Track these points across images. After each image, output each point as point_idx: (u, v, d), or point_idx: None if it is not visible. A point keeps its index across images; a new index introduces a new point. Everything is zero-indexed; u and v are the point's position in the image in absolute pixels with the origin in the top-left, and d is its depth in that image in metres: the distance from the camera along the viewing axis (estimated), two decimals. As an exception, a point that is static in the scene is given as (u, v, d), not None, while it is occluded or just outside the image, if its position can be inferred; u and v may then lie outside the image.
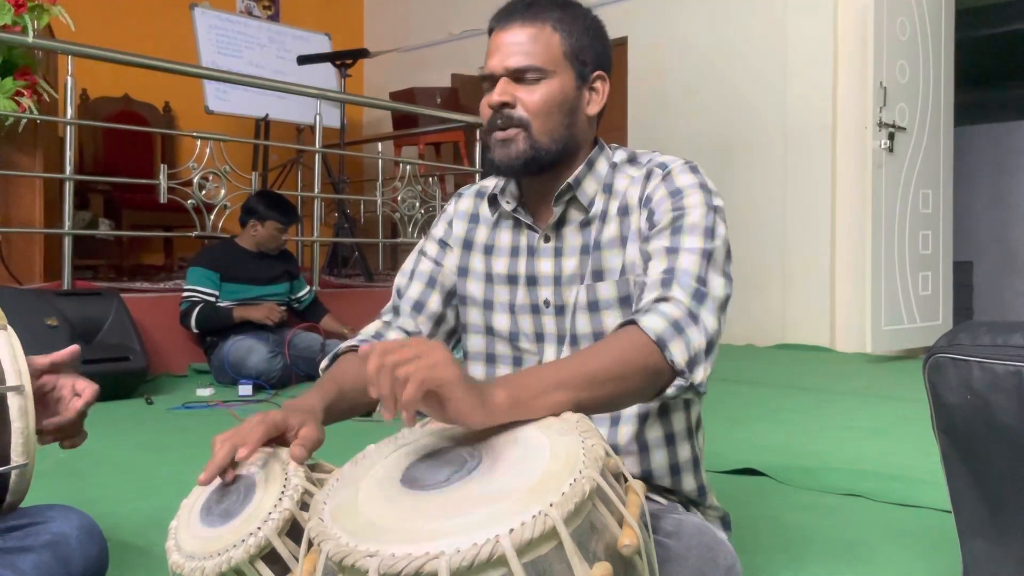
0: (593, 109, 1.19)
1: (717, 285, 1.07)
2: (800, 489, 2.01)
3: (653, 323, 0.99)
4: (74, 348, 1.20)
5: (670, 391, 0.99)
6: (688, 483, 1.22)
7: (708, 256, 1.08)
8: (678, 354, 0.98)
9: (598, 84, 1.19)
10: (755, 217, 5.16)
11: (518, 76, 1.13)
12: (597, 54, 1.18)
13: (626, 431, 1.17)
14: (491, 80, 1.15)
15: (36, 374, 1.15)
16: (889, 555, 1.54)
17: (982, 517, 1.20)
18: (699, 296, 1.04)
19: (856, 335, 4.76)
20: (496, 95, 1.13)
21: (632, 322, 1.01)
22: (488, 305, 1.25)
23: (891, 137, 4.49)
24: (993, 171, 6.78)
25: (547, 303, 1.20)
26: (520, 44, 1.13)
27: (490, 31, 1.18)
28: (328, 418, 1.06)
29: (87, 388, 1.16)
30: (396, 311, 1.29)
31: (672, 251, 1.08)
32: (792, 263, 5.10)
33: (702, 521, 1.12)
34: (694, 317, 1.02)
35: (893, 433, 2.64)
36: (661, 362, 0.98)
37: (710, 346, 1.03)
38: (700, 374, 1.01)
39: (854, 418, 2.90)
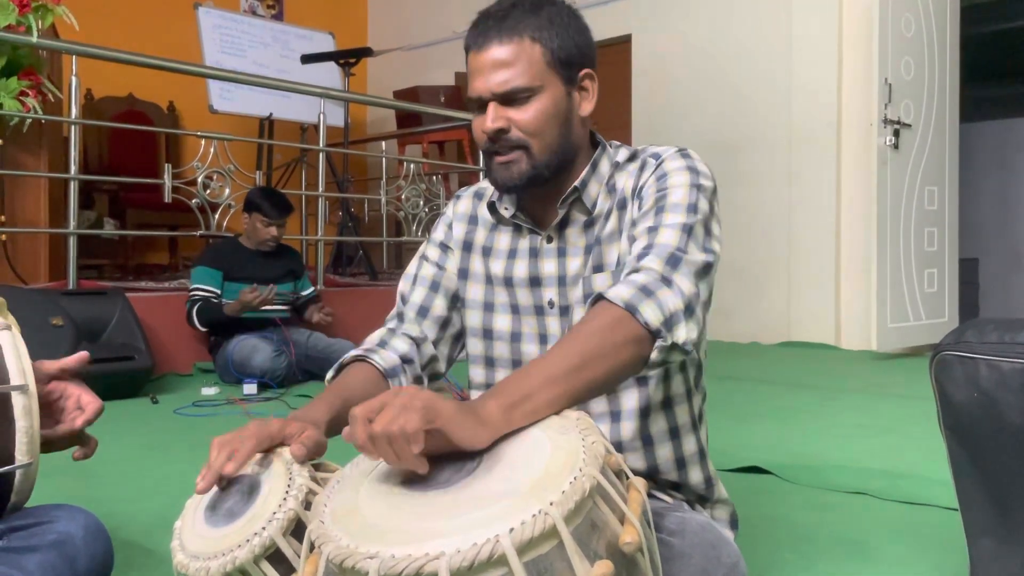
0: (586, 109, 1.17)
1: (695, 254, 1.06)
2: (806, 487, 2.01)
3: (620, 291, 0.98)
4: (83, 355, 1.19)
5: (654, 356, 0.97)
6: (695, 476, 1.22)
7: (688, 230, 1.07)
8: (651, 315, 0.96)
9: (587, 83, 1.16)
10: (760, 214, 5.15)
11: (507, 98, 1.11)
12: (580, 52, 1.14)
13: (628, 427, 1.17)
14: (479, 103, 1.13)
15: (45, 379, 1.14)
16: (895, 554, 1.54)
17: (989, 516, 1.19)
18: (673, 261, 1.03)
19: (861, 333, 4.75)
20: (490, 122, 1.11)
21: (600, 296, 0.99)
22: (489, 307, 1.25)
23: (896, 134, 4.47)
24: (999, 168, 6.76)
25: (551, 304, 1.19)
26: (501, 63, 1.09)
27: (467, 49, 1.14)
28: (332, 430, 1.04)
29: (91, 403, 1.16)
30: (400, 317, 1.28)
31: (653, 229, 1.08)
32: (797, 260, 5.09)
33: (706, 519, 1.11)
34: (667, 280, 1.00)
35: (899, 431, 2.63)
36: (636, 328, 0.96)
37: (689, 307, 1.00)
38: (682, 334, 0.98)
39: (860, 416, 2.89)
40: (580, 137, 1.18)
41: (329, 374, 1.20)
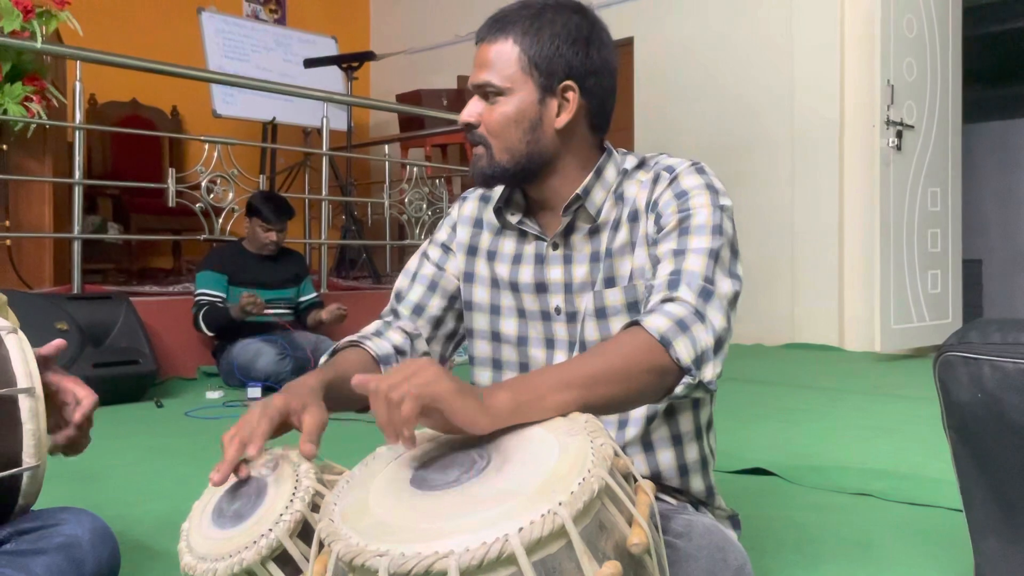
0: (561, 121, 1.13)
1: (725, 284, 1.06)
2: (810, 489, 2.01)
3: (657, 322, 0.98)
4: (59, 342, 1.18)
5: (679, 390, 0.98)
6: (696, 484, 1.22)
7: (715, 256, 1.07)
8: (683, 352, 0.97)
9: (569, 95, 1.12)
10: (763, 216, 5.15)
11: (483, 94, 1.13)
12: (568, 64, 1.11)
13: (632, 432, 1.17)
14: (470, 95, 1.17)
15: None
16: (900, 555, 1.54)
17: (994, 516, 1.19)
18: (706, 294, 1.03)
19: (865, 334, 4.74)
20: (463, 114, 1.15)
21: (636, 323, 1.00)
22: (495, 310, 1.25)
23: (899, 135, 4.48)
24: (1002, 168, 6.74)
25: (558, 310, 1.19)
26: (485, 60, 1.12)
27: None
28: (328, 397, 1.04)
29: (87, 397, 1.16)
30: (395, 314, 1.29)
31: (679, 253, 1.07)
32: (800, 262, 5.09)
33: (712, 521, 1.11)
34: (700, 315, 1.01)
35: (903, 432, 2.63)
36: (667, 361, 0.97)
37: (719, 344, 1.01)
38: (709, 372, 0.99)
39: (864, 417, 2.89)
40: (552, 147, 1.15)
41: (323, 358, 1.20)
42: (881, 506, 1.86)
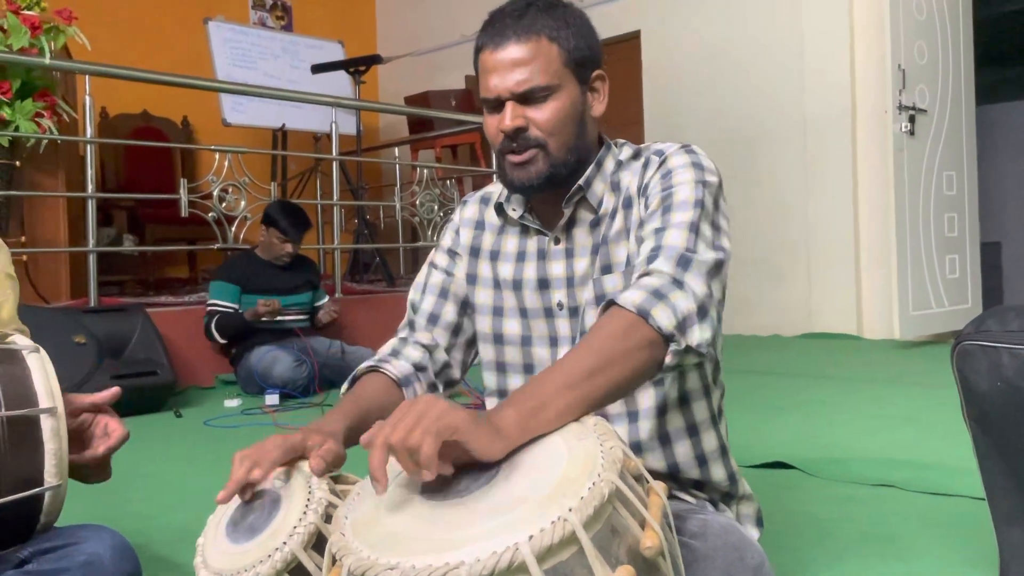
0: (598, 110, 1.18)
1: (706, 253, 1.05)
2: (831, 481, 1.99)
3: (631, 296, 0.97)
4: (115, 390, 1.20)
5: (669, 359, 0.97)
6: (717, 472, 1.21)
7: (695, 229, 1.06)
8: (663, 319, 0.96)
9: (598, 84, 1.17)
10: (777, 206, 5.12)
11: (525, 97, 1.11)
12: (593, 53, 1.15)
13: (646, 426, 1.16)
14: (495, 102, 1.13)
15: (77, 412, 1.16)
16: (924, 546, 1.52)
17: (1018, 505, 1.18)
18: (684, 262, 1.02)
19: (884, 321, 4.70)
20: (508, 120, 1.11)
21: (612, 302, 0.99)
22: (498, 311, 1.25)
23: (912, 120, 4.43)
24: (1018, 149, 6.67)
25: (560, 305, 1.19)
26: (520, 62, 1.09)
27: (480, 48, 1.14)
28: (350, 439, 1.05)
29: (116, 430, 1.17)
30: (412, 326, 1.29)
31: (660, 231, 1.07)
32: (816, 251, 5.05)
33: (728, 521, 1.11)
34: (678, 283, 1.00)
35: (924, 420, 2.61)
36: (650, 332, 0.95)
37: (702, 309, 0.99)
38: (695, 336, 0.97)
39: (884, 406, 2.87)
40: (592, 138, 1.19)
41: (344, 386, 1.21)
42: (903, 497, 1.85)
